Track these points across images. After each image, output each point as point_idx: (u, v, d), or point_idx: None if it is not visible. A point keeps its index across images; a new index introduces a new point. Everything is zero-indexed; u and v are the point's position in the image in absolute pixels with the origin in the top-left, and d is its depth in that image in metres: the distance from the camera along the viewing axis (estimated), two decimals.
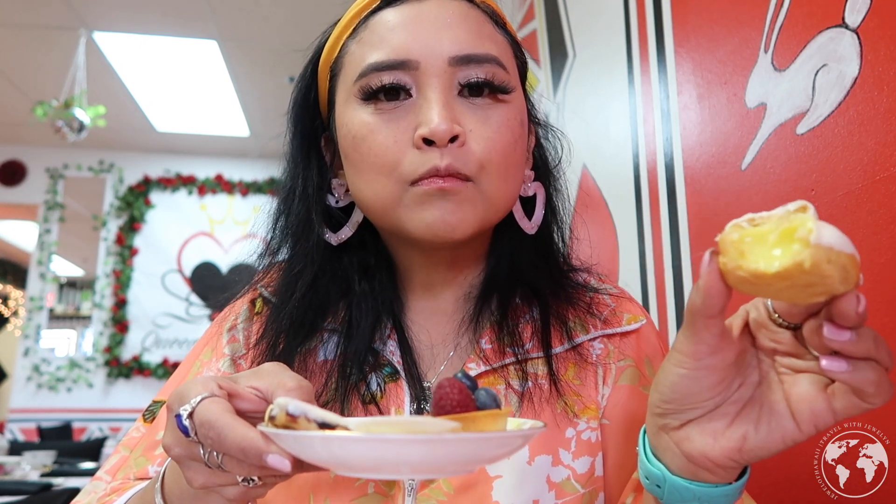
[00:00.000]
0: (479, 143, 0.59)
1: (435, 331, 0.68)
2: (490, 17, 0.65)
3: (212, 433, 0.41)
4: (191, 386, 0.44)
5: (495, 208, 0.61)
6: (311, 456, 0.39)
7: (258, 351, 0.66)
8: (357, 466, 0.39)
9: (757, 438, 0.43)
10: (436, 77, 0.59)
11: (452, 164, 0.57)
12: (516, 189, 0.64)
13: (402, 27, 0.61)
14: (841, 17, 0.78)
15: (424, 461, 0.38)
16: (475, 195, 0.59)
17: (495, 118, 0.60)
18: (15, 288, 8.52)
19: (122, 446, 0.68)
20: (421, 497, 0.59)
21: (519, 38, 0.70)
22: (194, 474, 0.45)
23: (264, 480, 0.45)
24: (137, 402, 5.66)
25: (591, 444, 0.63)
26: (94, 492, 0.63)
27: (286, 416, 0.40)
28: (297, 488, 0.60)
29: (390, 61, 0.59)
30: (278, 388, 0.44)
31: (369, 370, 0.64)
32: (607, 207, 1.45)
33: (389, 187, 0.59)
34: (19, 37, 4.31)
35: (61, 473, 3.01)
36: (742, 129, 0.97)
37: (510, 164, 0.61)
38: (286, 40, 4.27)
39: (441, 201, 0.57)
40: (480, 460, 0.41)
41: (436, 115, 0.57)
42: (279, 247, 0.69)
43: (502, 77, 0.61)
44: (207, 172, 6.17)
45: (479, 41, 0.61)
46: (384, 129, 0.59)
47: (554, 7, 1.83)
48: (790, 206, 0.37)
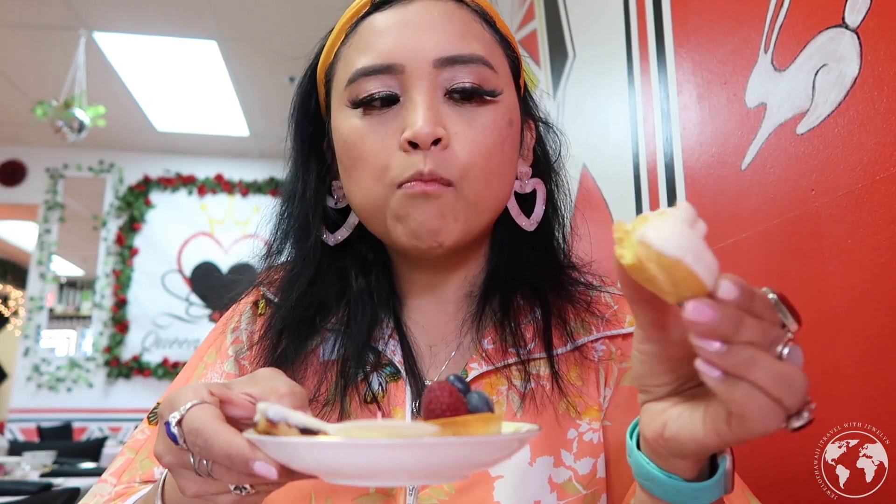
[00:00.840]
0: (464, 146, 0.59)
1: (436, 330, 0.68)
2: (479, 16, 0.65)
3: (199, 440, 0.41)
4: (181, 393, 0.44)
5: (479, 213, 0.61)
6: (298, 463, 0.38)
7: (260, 351, 0.67)
8: (341, 473, 0.38)
9: (673, 429, 0.41)
10: (420, 80, 0.60)
11: (435, 169, 0.58)
12: (504, 190, 0.64)
13: (388, 31, 0.62)
14: (841, 16, 0.78)
15: (411, 466, 0.36)
16: (456, 201, 0.59)
17: (480, 120, 0.60)
18: (15, 288, 8.52)
19: (127, 448, 0.68)
20: (422, 496, 0.59)
21: (513, 35, 0.69)
22: (186, 482, 0.44)
23: (257, 489, 0.44)
24: (137, 402, 5.66)
25: (593, 446, 0.63)
26: (100, 494, 0.64)
27: (266, 422, 0.39)
28: (298, 489, 0.60)
29: (376, 66, 0.61)
30: (270, 393, 0.44)
31: (371, 370, 0.64)
32: (607, 207, 1.45)
33: (378, 191, 0.60)
34: (19, 37, 4.31)
35: (61, 473, 3.00)
36: (742, 129, 0.97)
37: (495, 166, 0.61)
38: (286, 40, 4.28)
39: (424, 205, 0.58)
40: (472, 465, 0.39)
41: (420, 117, 0.58)
42: (281, 248, 0.70)
43: (488, 77, 0.61)
44: (207, 172, 6.17)
45: (464, 41, 0.61)
46: (373, 134, 0.61)
47: (554, 7, 1.83)
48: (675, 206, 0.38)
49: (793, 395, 0.35)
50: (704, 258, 0.35)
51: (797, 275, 0.83)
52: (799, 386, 0.35)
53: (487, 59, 0.62)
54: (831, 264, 0.78)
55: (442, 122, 0.59)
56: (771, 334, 0.36)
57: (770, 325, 0.36)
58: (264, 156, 6.23)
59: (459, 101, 0.60)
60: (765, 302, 0.36)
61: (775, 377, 0.35)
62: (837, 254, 0.77)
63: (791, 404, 0.36)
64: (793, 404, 0.36)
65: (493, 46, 0.64)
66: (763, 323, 0.35)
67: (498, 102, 0.62)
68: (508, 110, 0.63)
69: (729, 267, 0.98)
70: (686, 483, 0.44)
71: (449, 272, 0.68)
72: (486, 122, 0.60)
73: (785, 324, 0.37)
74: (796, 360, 0.36)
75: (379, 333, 0.66)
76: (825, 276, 0.78)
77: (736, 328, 0.34)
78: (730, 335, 0.34)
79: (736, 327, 0.34)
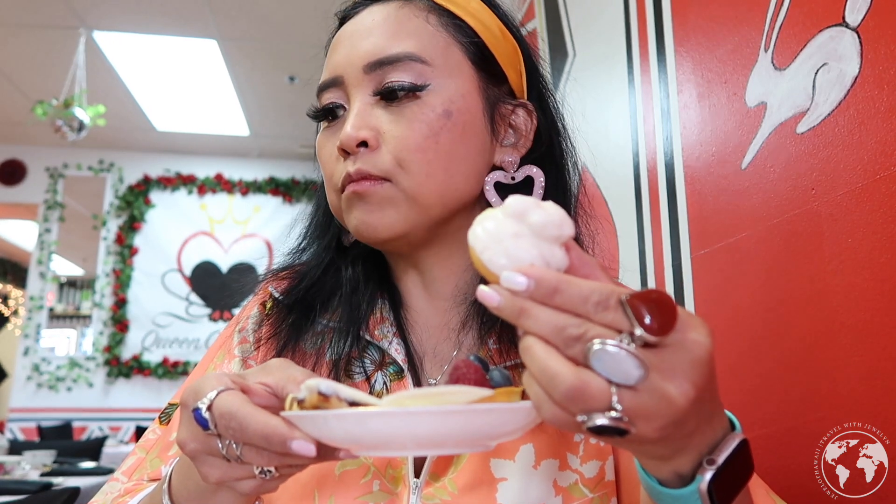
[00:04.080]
0: (390, 142, 0.61)
1: (437, 329, 0.68)
2: (426, 9, 0.64)
3: (233, 423, 0.42)
4: (205, 381, 0.45)
5: (423, 203, 0.61)
6: (329, 435, 0.40)
7: (265, 350, 0.68)
8: (387, 444, 0.39)
9: None
10: (355, 87, 0.63)
11: (361, 167, 0.60)
12: (455, 182, 0.62)
13: (339, 46, 0.65)
14: (841, 15, 0.78)
15: (431, 435, 0.38)
16: (394, 194, 0.60)
17: (408, 115, 0.61)
18: (15, 287, 8.52)
19: (138, 448, 0.70)
20: (425, 495, 0.58)
21: (492, 19, 0.66)
22: (210, 469, 0.45)
23: (280, 472, 0.45)
24: (137, 402, 5.67)
25: (600, 449, 0.62)
26: (111, 492, 0.65)
27: (318, 397, 0.40)
28: (302, 486, 0.60)
29: (326, 81, 0.65)
30: (289, 381, 0.45)
31: (375, 368, 0.65)
32: (607, 207, 1.45)
33: (333, 197, 0.65)
34: (19, 37, 4.31)
35: (61, 473, 3.00)
36: (742, 128, 0.97)
37: (431, 159, 0.60)
38: (286, 40, 4.28)
39: (359, 204, 0.61)
40: (490, 434, 0.40)
41: (348, 125, 0.61)
42: (307, 247, 0.73)
43: (421, 72, 0.61)
44: (207, 172, 6.17)
45: (394, 40, 0.62)
46: (326, 145, 0.65)
47: (554, 6, 1.83)
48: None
49: (555, 392, 0.35)
50: (503, 248, 0.37)
51: (797, 274, 0.83)
52: (560, 383, 0.34)
53: (418, 53, 0.61)
54: (831, 264, 0.77)
55: (370, 124, 0.61)
56: (570, 330, 0.35)
57: (581, 321, 0.35)
58: (264, 155, 6.23)
59: (389, 102, 0.62)
60: (576, 298, 0.35)
61: (539, 371, 0.35)
62: (837, 253, 0.77)
63: (560, 401, 0.35)
64: (561, 401, 0.35)
65: (435, 38, 0.63)
66: (562, 317, 0.35)
67: (426, 96, 0.61)
68: (444, 101, 0.61)
69: (729, 266, 0.98)
70: (660, 487, 0.42)
71: (436, 271, 0.68)
72: (413, 116, 0.60)
73: (632, 326, 0.35)
74: (603, 361, 0.34)
75: (382, 332, 0.66)
76: (825, 276, 0.78)
77: (518, 316, 0.36)
78: (514, 321, 0.36)
79: (518, 315, 0.36)
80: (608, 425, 0.34)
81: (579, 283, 0.36)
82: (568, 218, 0.38)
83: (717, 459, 0.39)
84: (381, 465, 0.60)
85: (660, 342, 0.35)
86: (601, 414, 0.34)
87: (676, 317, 0.35)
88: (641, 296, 0.35)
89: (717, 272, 1.00)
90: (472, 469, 0.59)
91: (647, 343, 0.35)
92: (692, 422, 0.37)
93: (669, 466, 0.41)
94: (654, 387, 0.35)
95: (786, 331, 0.84)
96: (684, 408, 0.35)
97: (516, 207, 0.38)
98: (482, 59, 0.65)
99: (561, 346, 0.35)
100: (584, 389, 0.34)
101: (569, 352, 0.35)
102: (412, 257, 0.67)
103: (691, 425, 0.38)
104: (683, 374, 0.35)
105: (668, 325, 0.35)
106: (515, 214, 0.38)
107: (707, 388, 0.37)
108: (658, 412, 0.35)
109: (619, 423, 0.34)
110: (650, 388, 0.35)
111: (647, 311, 0.34)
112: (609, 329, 0.35)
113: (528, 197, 0.39)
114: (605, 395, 0.34)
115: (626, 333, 0.35)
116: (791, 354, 0.83)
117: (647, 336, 0.34)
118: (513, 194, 0.40)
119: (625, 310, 0.35)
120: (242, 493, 0.47)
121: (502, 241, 0.38)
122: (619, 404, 0.34)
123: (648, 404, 0.35)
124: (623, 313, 0.35)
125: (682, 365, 0.36)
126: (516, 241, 0.37)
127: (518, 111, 0.67)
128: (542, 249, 0.37)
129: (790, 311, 0.84)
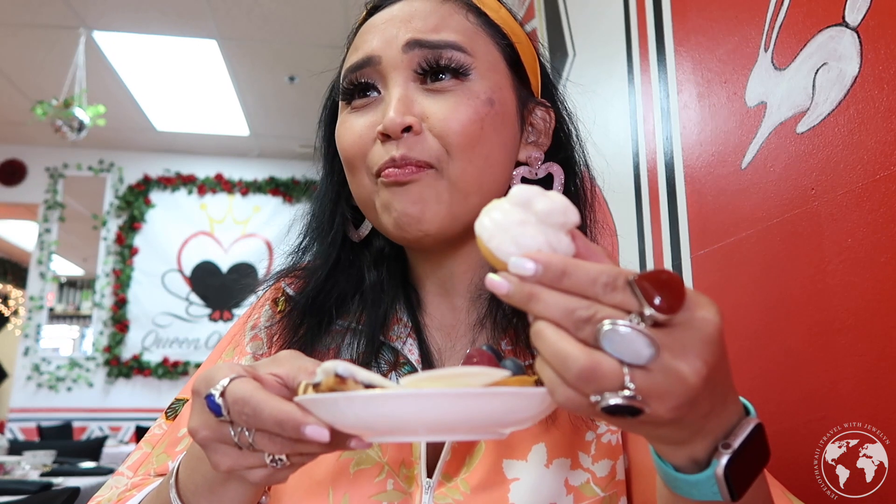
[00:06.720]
0: (436, 125, 0.60)
1: (453, 329, 0.68)
2: (465, 8, 0.65)
3: (247, 409, 0.42)
4: (217, 370, 0.45)
5: (464, 194, 0.60)
6: (342, 419, 0.40)
7: (277, 347, 0.68)
8: (400, 428, 0.39)
9: None
10: (394, 69, 0.61)
11: (406, 153, 0.59)
12: (492, 172, 0.63)
13: (372, 31, 0.64)
14: (841, 15, 0.78)
15: (443, 418, 0.38)
16: (437, 182, 0.59)
17: (452, 99, 0.61)
18: (15, 287, 8.52)
19: (144, 443, 0.70)
20: (438, 495, 0.58)
21: (516, 24, 0.69)
22: (221, 457, 0.45)
23: (292, 460, 0.45)
24: (137, 402, 5.67)
25: (611, 448, 0.62)
26: (116, 487, 0.65)
27: (335, 379, 0.40)
28: (317, 483, 0.60)
29: (358, 62, 0.63)
30: (300, 371, 0.45)
31: (389, 369, 0.65)
32: (607, 206, 1.45)
33: (364, 180, 0.63)
34: (19, 36, 4.31)
35: (61, 473, 3.00)
36: (742, 127, 0.97)
37: (476, 144, 0.60)
38: (286, 40, 4.27)
39: (401, 193, 0.59)
40: (503, 421, 0.40)
41: (391, 108, 0.59)
42: (308, 246, 0.72)
43: (460, 60, 0.61)
44: (207, 172, 6.17)
45: (436, 31, 0.62)
46: (355, 124, 0.63)
47: (554, 6, 1.82)
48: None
49: (568, 374, 0.35)
50: (510, 236, 0.37)
51: (797, 274, 0.83)
52: (572, 365, 0.34)
53: (461, 44, 0.62)
54: (831, 264, 0.77)
55: (413, 110, 0.60)
56: (580, 312, 0.35)
57: (591, 303, 0.35)
58: (264, 155, 6.23)
59: (432, 87, 0.61)
60: (585, 280, 0.36)
61: (551, 354, 0.35)
62: (837, 253, 0.77)
63: (573, 382, 0.35)
64: (574, 382, 0.35)
65: (476, 35, 0.64)
66: (572, 300, 0.36)
67: (470, 80, 0.62)
68: (487, 89, 0.62)
69: (728, 266, 0.98)
70: (676, 473, 0.42)
71: (455, 266, 0.67)
72: (458, 99, 0.61)
73: (642, 306, 0.35)
74: (614, 342, 0.34)
75: (396, 332, 0.66)
76: (825, 276, 0.78)
77: (527, 301, 0.36)
78: (524, 307, 0.36)
79: (527, 301, 0.36)
80: (622, 404, 0.34)
81: (587, 266, 0.36)
82: (572, 205, 0.39)
83: (733, 443, 0.39)
84: (394, 464, 0.60)
85: (669, 321, 0.35)
86: (614, 394, 0.34)
87: (685, 295, 0.35)
88: (649, 276, 0.35)
89: (717, 272, 1.00)
90: (484, 469, 0.59)
91: (657, 322, 0.35)
92: (706, 402, 0.37)
93: (685, 451, 0.41)
94: (665, 365, 0.35)
95: (786, 330, 0.84)
96: (697, 386, 0.35)
97: (521, 196, 0.39)
98: (514, 62, 0.67)
99: (571, 329, 0.35)
100: (597, 369, 0.34)
101: (579, 334, 0.35)
102: (437, 254, 0.67)
103: (705, 406, 0.37)
104: (694, 351, 0.35)
105: (676, 303, 0.35)
106: (521, 203, 0.39)
107: (718, 366, 0.37)
108: (671, 391, 0.35)
109: (633, 402, 0.34)
110: (662, 366, 0.35)
111: (656, 291, 0.35)
112: (618, 310, 0.35)
113: (532, 186, 0.39)
114: (618, 375, 0.34)
115: (635, 314, 0.35)
116: (791, 354, 0.83)
117: (656, 315, 0.34)
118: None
119: (633, 290, 0.35)
120: (252, 482, 0.47)
121: (509, 229, 0.38)
122: (632, 383, 0.34)
123: (661, 383, 0.35)
124: (632, 293, 0.35)
125: (693, 343, 0.35)
126: (523, 229, 0.38)
127: (538, 110, 0.69)
128: (548, 236, 0.38)
129: (790, 311, 0.84)
